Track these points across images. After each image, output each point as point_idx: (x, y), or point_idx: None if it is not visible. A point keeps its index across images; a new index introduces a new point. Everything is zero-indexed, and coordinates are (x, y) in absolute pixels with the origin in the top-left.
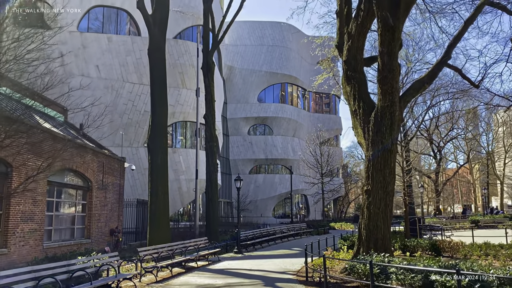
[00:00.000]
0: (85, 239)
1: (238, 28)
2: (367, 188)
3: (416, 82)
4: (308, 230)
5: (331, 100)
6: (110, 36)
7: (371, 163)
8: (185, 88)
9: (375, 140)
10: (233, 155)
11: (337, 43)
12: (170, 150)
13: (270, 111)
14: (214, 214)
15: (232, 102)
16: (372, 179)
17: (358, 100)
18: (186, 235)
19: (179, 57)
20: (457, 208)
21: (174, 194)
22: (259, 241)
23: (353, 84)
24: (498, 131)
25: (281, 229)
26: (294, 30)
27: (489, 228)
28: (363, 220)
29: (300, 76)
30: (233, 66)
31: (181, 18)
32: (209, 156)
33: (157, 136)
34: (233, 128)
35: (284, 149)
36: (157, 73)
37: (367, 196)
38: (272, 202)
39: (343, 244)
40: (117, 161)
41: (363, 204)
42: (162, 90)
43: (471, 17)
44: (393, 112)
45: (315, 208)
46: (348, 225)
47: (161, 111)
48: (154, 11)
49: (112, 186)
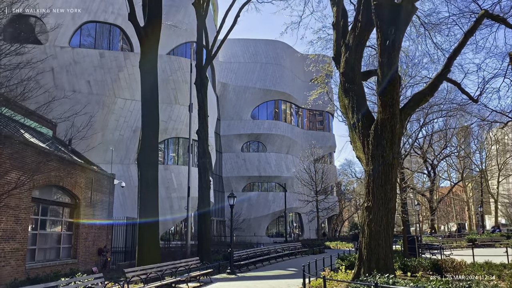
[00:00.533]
0: (71, 259)
1: (232, 46)
2: (367, 204)
3: (417, 95)
4: (303, 249)
5: (324, 118)
6: (102, 52)
7: (371, 178)
8: (178, 104)
9: (375, 154)
10: (226, 173)
11: (334, 55)
12: (162, 167)
13: (264, 128)
14: (207, 233)
15: (226, 119)
16: (372, 195)
17: (357, 113)
18: (178, 254)
19: (172, 73)
20: (451, 226)
21: (166, 212)
22: (253, 261)
23: (351, 96)
24: (491, 149)
25: (276, 249)
26: (287, 48)
27: (487, 247)
28: (363, 238)
29: (293, 93)
30: (227, 83)
31: (174, 34)
32: (202, 173)
33: (147, 150)
34: (226, 145)
35: (278, 166)
36: (148, 86)
37: (367, 213)
38: (266, 221)
39: (341, 264)
40: (106, 178)
41: (363, 222)
42: (154, 103)
43: (471, 28)
44: (393, 125)
45: (310, 226)
46: (343, 244)
47: (152, 125)
48: (146, 23)
49: (100, 204)
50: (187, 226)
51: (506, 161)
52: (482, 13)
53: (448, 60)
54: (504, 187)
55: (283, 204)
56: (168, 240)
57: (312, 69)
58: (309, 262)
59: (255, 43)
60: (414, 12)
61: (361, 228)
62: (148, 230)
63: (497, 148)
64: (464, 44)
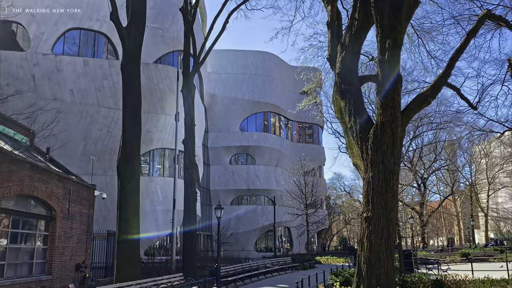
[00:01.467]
0: (45, 275)
1: (221, 57)
2: (366, 215)
3: (418, 97)
4: (293, 264)
5: (314, 130)
6: (86, 60)
7: (370, 186)
8: (164, 114)
9: (374, 160)
10: (214, 186)
11: (329, 55)
12: (147, 179)
13: (253, 140)
14: (192, 247)
15: (214, 130)
16: (372, 205)
17: (355, 116)
18: (162, 270)
19: (158, 82)
20: (440, 241)
21: (150, 226)
22: (241, 277)
23: (348, 98)
24: (481, 163)
25: (265, 264)
26: (277, 59)
27: (481, 261)
28: (362, 252)
29: (283, 105)
30: (215, 94)
31: (161, 43)
32: (188, 185)
33: (128, 158)
34: (214, 157)
35: (267, 179)
36: (130, 89)
37: (367, 224)
38: (254, 235)
39: (335, 280)
40: (86, 189)
41: (362, 234)
42: (135, 107)
43: (474, 28)
44: (394, 128)
45: (300, 241)
46: (334, 259)
47: (134, 130)
48: (129, 24)
49: (79, 216)
50: (172, 241)
51: (495, 175)
52: (485, 12)
53: (450, 61)
54: (494, 201)
55: (272, 218)
56: (152, 255)
57: (302, 77)
58: (302, 279)
59: (244, 54)
60: (417, 6)
61: (359, 241)
62: (128, 245)
63: (487, 161)
64: (466, 44)
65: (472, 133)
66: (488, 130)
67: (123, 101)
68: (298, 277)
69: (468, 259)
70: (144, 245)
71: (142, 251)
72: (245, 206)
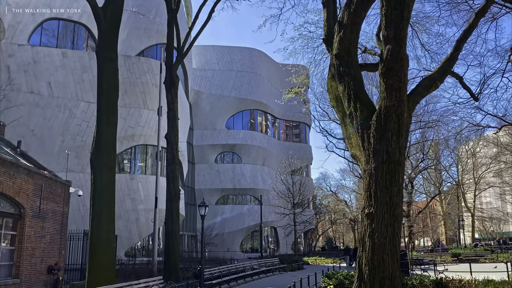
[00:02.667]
0: (12, 279)
1: (206, 53)
2: (368, 211)
3: (426, 79)
4: (281, 265)
5: (301, 129)
6: (65, 51)
7: (373, 179)
8: (146, 109)
9: (377, 149)
10: (199, 185)
11: (325, 35)
12: (128, 177)
13: (239, 138)
14: (175, 248)
15: (199, 128)
16: (375, 200)
17: (354, 101)
18: (143, 272)
19: (141, 76)
20: (426, 241)
21: (131, 226)
22: (227, 280)
23: (347, 82)
24: (468, 163)
25: (251, 265)
26: (264, 56)
27: (473, 262)
28: (364, 253)
29: (270, 103)
30: (201, 91)
31: (144, 36)
32: (171, 181)
33: (103, 150)
34: (199, 155)
35: (253, 178)
36: (106, 74)
37: (369, 222)
38: (240, 235)
39: (328, 283)
40: (60, 185)
41: (364, 232)
42: (111, 96)
43: (483, 7)
44: (400, 113)
45: (286, 241)
46: (322, 260)
47: (109, 120)
48: (105, 3)
49: (52, 214)
50: (154, 241)
51: (482, 175)
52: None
53: (457, 43)
54: (480, 201)
55: (258, 218)
56: (133, 256)
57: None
58: (294, 282)
59: (230, 50)
60: None
61: (360, 240)
62: (101, 245)
63: (474, 161)
64: (475, 25)
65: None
66: (485, 125)
67: (98, 88)
68: (287, 279)
69: (459, 259)
70: (125, 246)
71: (122, 252)
72: (231, 205)
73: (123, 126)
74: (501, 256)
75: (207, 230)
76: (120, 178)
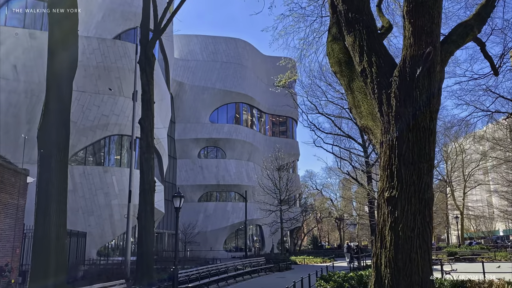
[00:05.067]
0: None
1: (190, 42)
2: (389, 194)
3: (460, 26)
4: (268, 265)
5: (288, 124)
6: (33, 32)
7: (394, 152)
8: (122, 95)
9: (401, 113)
10: (181, 181)
11: None
12: (101, 169)
13: (223, 132)
14: (148, 246)
15: (181, 121)
16: (398, 179)
17: (368, 54)
18: (115, 273)
19: (116, 60)
20: None
21: (104, 223)
22: (206, 282)
23: (359, 31)
24: (456, 159)
25: (235, 265)
26: (250, 47)
27: (470, 261)
28: (383, 250)
29: (256, 96)
30: (183, 82)
31: (121, 19)
32: (145, 172)
33: (51, 125)
34: (181, 150)
35: (238, 174)
36: (59, 33)
37: (390, 209)
38: (224, 234)
39: (325, 287)
40: (13, 173)
41: (383, 224)
42: (66, 57)
43: None
44: (432, 65)
45: (273, 239)
46: (311, 259)
47: (61, 90)
48: None
49: (3, 207)
50: (127, 239)
51: (471, 172)
52: None
53: None
54: (469, 198)
55: (243, 216)
56: (107, 256)
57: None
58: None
59: (214, 40)
60: None
61: (378, 233)
62: (47, 241)
63: (463, 158)
64: None
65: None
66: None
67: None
68: (276, 281)
69: (455, 258)
70: (97, 244)
71: (94, 251)
72: (215, 202)
73: (96, 114)
74: (499, 255)
75: (188, 228)
76: (93, 170)
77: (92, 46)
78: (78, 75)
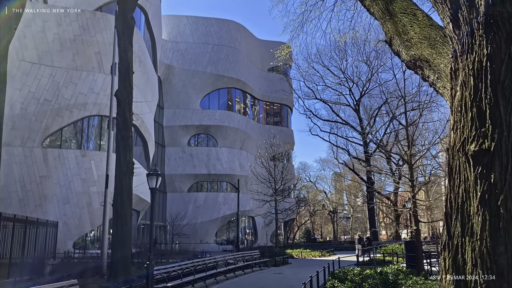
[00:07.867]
0: None
1: (179, 23)
2: (478, 146)
3: None
4: (262, 260)
5: (282, 112)
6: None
7: (485, 78)
8: (102, 72)
9: (497, 14)
10: (170, 170)
11: None
12: (78, 153)
13: (215, 119)
14: (124, 238)
15: (170, 107)
16: (493, 122)
17: None
18: (91, 268)
19: (96, 34)
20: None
21: (82, 212)
22: (190, 280)
23: None
24: None
25: (226, 260)
26: (243, 30)
27: None
28: (467, 238)
29: (249, 81)
30: (172, 65)
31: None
32: (121, 152)
33: None
34: (170, 137)
35: (230, 164)
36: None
37: (480, 170)
38: (215, 226)
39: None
40: None
41: (463, 195)
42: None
43: None
44: None
45: (266, 231)
46: (308, 253)
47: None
48: None
49: None
50: (104, 229)
51: None
52: None
53: None
54: None
55: (234, 207)
56: (84, 248)
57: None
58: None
59: (206, 21)
60: None
61: (450, 213)
62: None
63: None
64: None
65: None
66: None
67: None
68: (272, 278)
69: None
70: (74, 236)
71: (70, 243)
72: (205, 193)
73: (73, 93)
74: None
75: (177, 219)
76: (69, 154)
77: (69, 18)
78: (53, 49)
